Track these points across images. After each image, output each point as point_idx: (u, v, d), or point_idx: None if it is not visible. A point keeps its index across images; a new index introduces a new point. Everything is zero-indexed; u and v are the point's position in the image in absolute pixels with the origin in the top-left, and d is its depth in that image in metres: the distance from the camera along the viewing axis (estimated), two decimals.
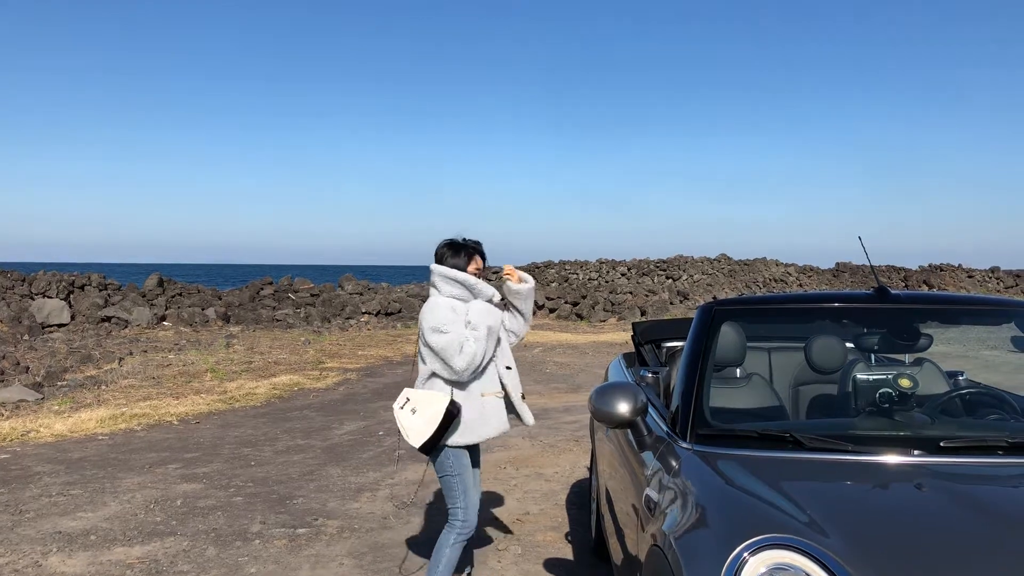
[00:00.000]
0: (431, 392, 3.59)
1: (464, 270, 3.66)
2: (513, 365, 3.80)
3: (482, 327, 3.56)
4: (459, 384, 3.59)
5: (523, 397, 3.79)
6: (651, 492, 2.56)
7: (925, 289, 33.08)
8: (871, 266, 3.48)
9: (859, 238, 3.43)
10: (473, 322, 3.57)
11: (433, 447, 3.58)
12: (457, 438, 3.59)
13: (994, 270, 36.80)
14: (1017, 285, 35.06)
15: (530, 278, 3.88)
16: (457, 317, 3.56)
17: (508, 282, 3.83)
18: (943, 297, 3.76)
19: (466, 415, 3.60)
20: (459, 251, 3.70)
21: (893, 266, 37.03)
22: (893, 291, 3.21)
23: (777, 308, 3.59)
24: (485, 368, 3.65)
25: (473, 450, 3.77)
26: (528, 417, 3.79)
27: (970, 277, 35.59)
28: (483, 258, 3.76)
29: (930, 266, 37.13)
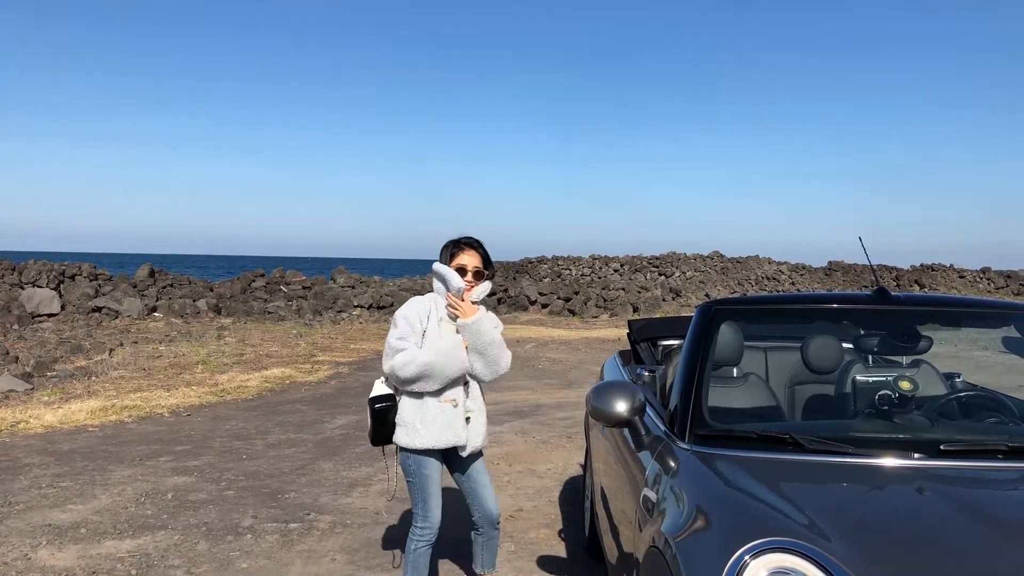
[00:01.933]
0: (378, 383, 3.57)
1: (445, 264, 3.55)
2: (472, 382, 3.54)
3: (429, 348, 3.35)
4: None
5: (467, 420, 3.49)
6: (649, 492, 2.53)
7: (917, 289, 33.20)
8: (871, 267, 3.48)
9: (859, 239, 3.42)
10: (425, 342, 3.40)
11: (377, 440, 3.52)
12: (403, 440, 3.45)
13: (985, 270, 36.97)
14: (1008, 286, 35.22)
15: (490, 320, 3.52)
16: (426, 319, 3.45)
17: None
18: (944, 299, 3.75)
19: (407, 416, 3.45)
20: (445, 247, 3.62)
21: (884, 265, 37.16)
22: (893, 292, 3.20)
23: (777, 308, 3.57)
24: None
25: (451, 457, 3.56)
26: (470, 439, 3.48)
27: (961, 277, 35.74)
28: (482, 256, 3.58)
29: (921, 266, 37.28)
